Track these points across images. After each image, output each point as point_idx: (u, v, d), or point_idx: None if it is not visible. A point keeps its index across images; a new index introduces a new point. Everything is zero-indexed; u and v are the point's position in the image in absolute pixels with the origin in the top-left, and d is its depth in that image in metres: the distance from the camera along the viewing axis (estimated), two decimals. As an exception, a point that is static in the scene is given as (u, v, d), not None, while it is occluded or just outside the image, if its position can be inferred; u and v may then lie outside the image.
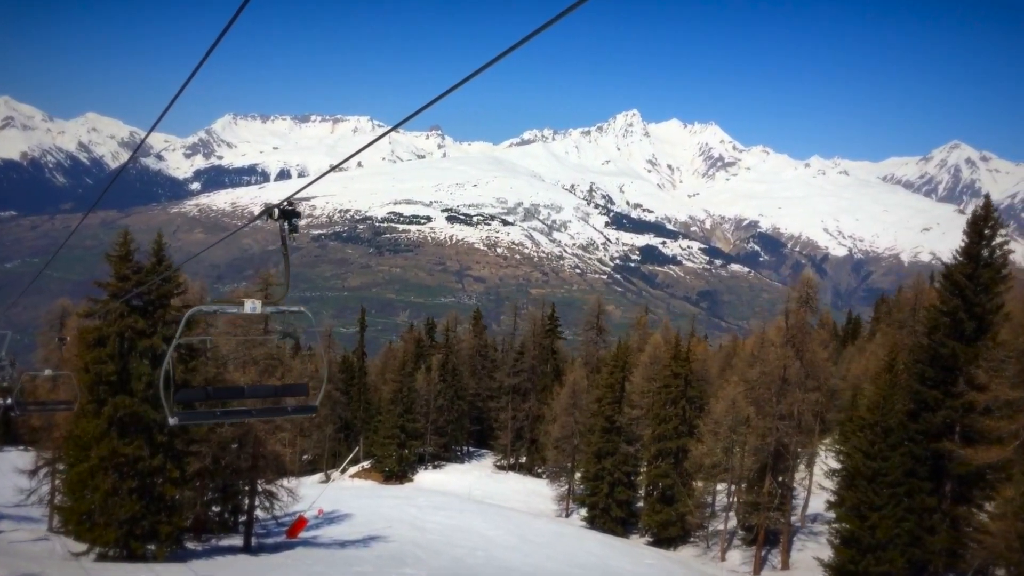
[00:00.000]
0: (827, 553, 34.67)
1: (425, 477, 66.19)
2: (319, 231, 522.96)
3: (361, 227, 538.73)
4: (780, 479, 40.85)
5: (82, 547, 31.38)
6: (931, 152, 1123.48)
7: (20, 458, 74.86)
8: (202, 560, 32.55)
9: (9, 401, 23.34)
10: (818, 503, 45.58)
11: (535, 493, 61.51)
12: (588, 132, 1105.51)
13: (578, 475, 55.82)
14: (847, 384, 52.28)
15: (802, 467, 45.86)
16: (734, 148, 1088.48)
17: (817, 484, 48.22)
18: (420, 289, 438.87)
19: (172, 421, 8.78)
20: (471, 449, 76.67)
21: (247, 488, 39.69)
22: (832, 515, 37.35)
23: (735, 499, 42.75)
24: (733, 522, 44.58)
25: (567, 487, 55.90)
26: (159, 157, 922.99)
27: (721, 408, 40.42)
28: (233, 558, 33.92)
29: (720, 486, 45.52)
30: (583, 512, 53.04)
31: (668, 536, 45.72)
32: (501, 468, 70.26)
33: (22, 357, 33.44)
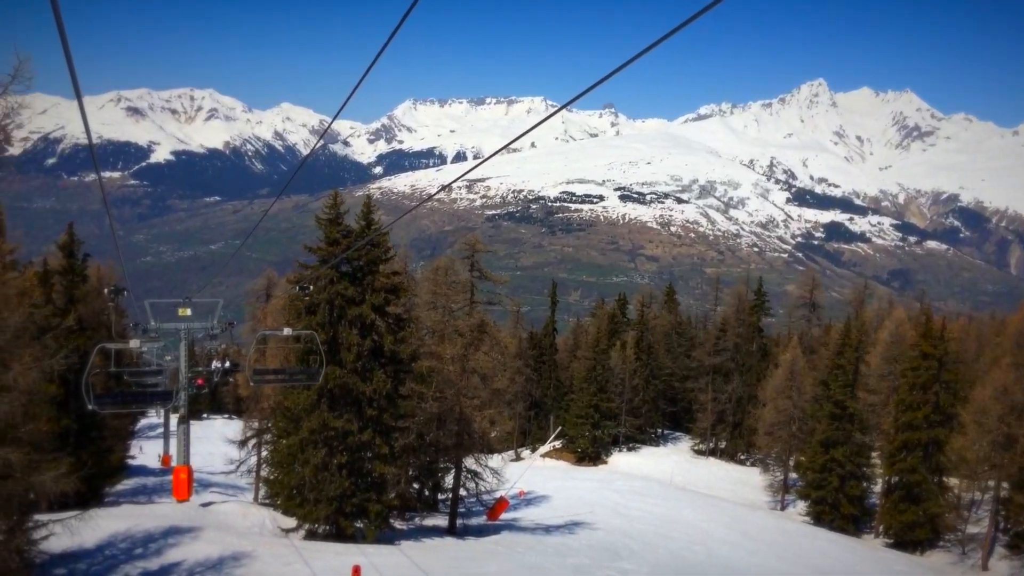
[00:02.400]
0: None
1: (620, 459, 62.96)
2: (493, 211, 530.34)
3: (534, 207, 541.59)
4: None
5: (290, 522, 30.35)
6: None
7: (226, 427, 78.40)
8: (410, 542, 30.79)
9: (227, 364, 22.18)
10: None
11: (742, 482, 56.85)
12: (769, 104, 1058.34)
13: (792, 464, 50.78)
14: None
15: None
16: (932, 116, 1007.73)
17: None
18: (592, 268, 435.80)
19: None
20: (666, 432, 72.62)
21: (449, 466, 37.98)
22: None
23: (1001, 500, 36.52)
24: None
25: (782, 477, 50.89)
26: (345, 143, 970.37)
27: (988, 395, 34.38)
28: (440, 541, 32.00)
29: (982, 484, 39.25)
30: (802, 506, 48.00)
31: (913, 539, 40.02)
32: (700, 453, 65.87)
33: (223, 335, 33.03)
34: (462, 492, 35.75)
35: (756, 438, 55.62)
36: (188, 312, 28.74)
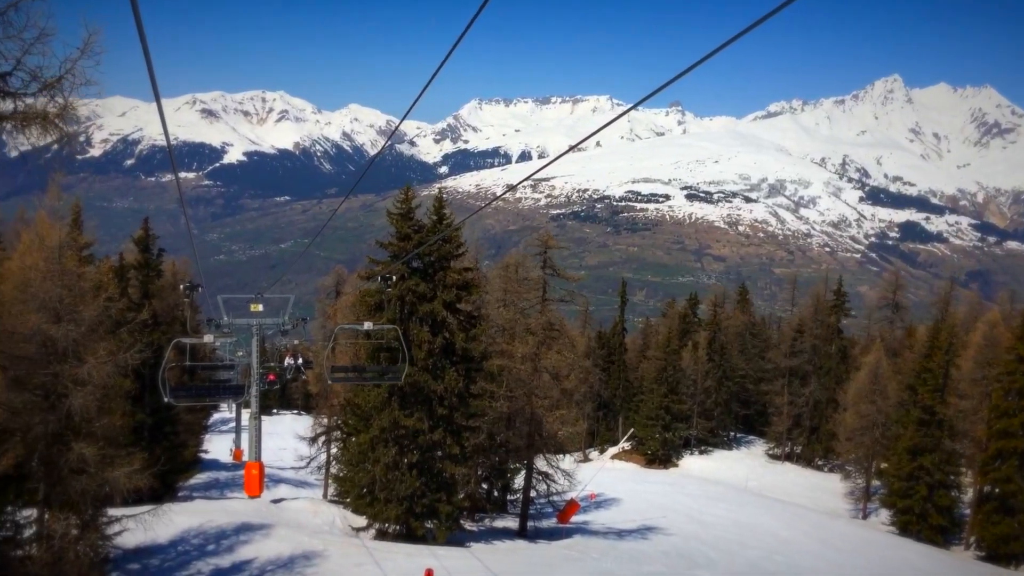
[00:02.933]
0: None
1: (691, 463, 61.40)
2: (557, 211, 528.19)
3: (599, 206, 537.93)
4: None
5: (360, 521, 29.98)
6: None
7: (295, 422, 79.14)
8: (480, 544, 30.13)
9: (299, 362, 21.83)
10: None
11: (820, 488, 54.77)
12: (842, 101, 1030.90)
13: (875, 471, 48.65)
14: None
15: None
16: (1012, 113, 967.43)
17: None
18: (657, 268, 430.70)
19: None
20: (738, 435, 70.66)
21: (519, 467, 37.23)
22: None
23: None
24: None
25: (864, 485, 48.78)
26: (412, 143, 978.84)
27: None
28: (511, 544, 31.27)
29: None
30: (886, 515, 45.89)
31: (1008, 552, 37.74)
32: (775, 457, 63.82)
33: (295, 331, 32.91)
34: (532, 494, 34.98)
35: (835, 443, 53.49)
36: (260, 308, 28.56)
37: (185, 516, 26.79)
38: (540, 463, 34.34)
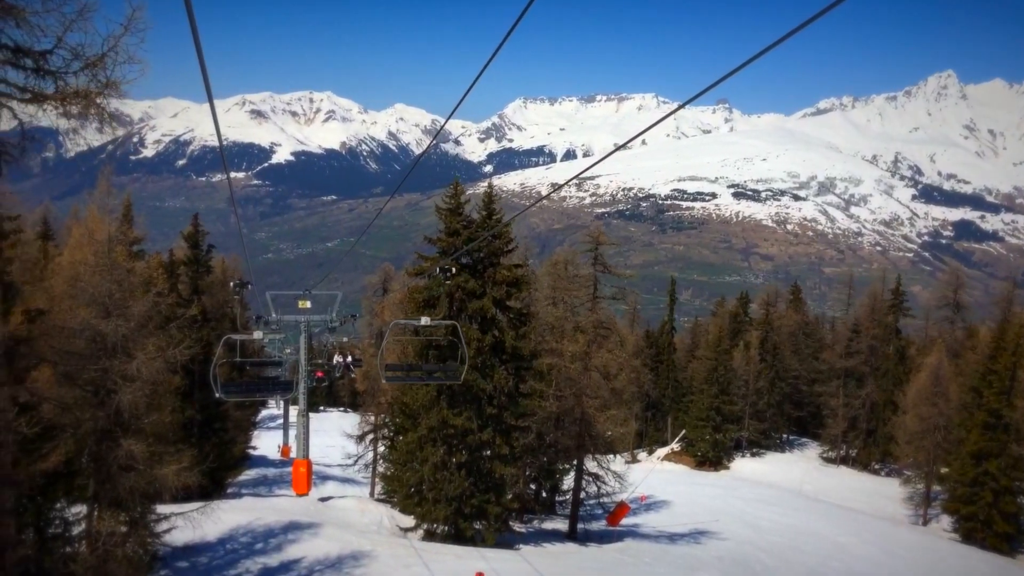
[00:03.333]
0: None
1: (743, 465, 60.10)
2: (602, 209, 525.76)
3: (644, 205, 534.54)
4: None
5: (408, 521, 29.59)
6: None
7: (342, 420, 79.39)
8: (530, 546, 29.54)
9: (348, 360, 21.51)
10: None
11: (878, 493, 53.14)
12: (894, 97, 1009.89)
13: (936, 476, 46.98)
14: None
15: None
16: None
17: None
18: (704, 267, 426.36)
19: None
20: (791, 437, 69.07)
21: (567, 467, 36.59)
22: None
23: None
24: None
25: (925, 490, 47.15)
26: (457, 142, 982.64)
27: None
28: (562, 547, 30.63)
29: None
30: (948, 521, 44.29)
31: (1080, 564, 36.14)
32: (829, 461, 62.17)
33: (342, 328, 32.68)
34: (581, 495, 34.30)
35: (894, 446, 51.79)
36: (308, 304, 28.30)
37: (234, 514, 26.64)
38: (590, 464, 33.66)
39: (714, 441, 58.32)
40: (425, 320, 19.12)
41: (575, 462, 34.86)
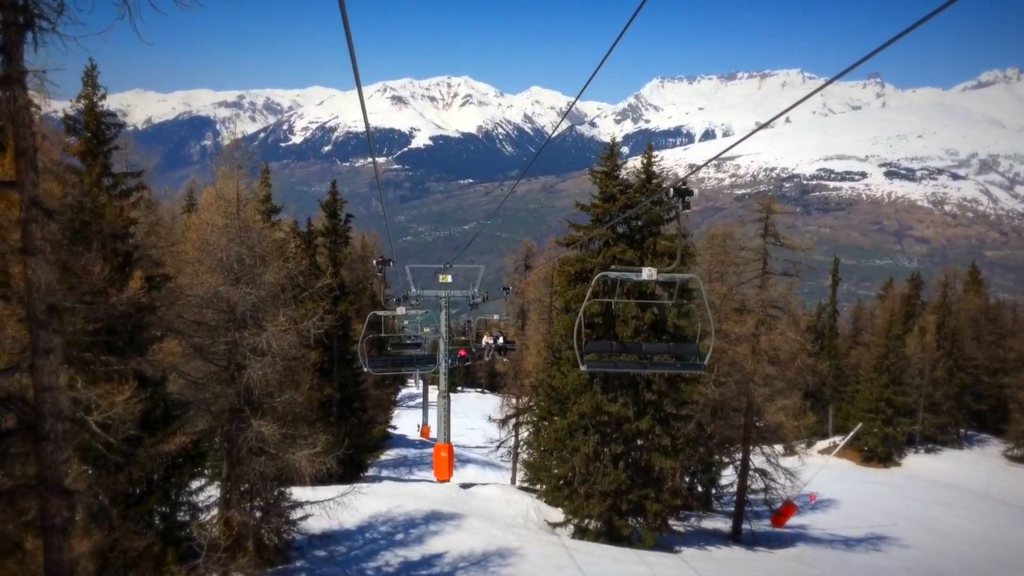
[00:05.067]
0: None
1: (916, 462, 54.56)
2: (742, 191, 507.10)
3: (787, 185, 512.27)
4: None
5: (556, 514, 27.23)
6: None
7: (480, 401, 78.27)
8: (692, 549, 26.55)
9: (500, 341, 19.16)
10: None
11: (1079, 500, 46.86)
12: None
13: None
14: None
15: None
16: None
17: None
18: (852, 251, 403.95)
19: None
20: (968, 432, 62.48)
21: (725, 461, 33.31)
22: None
23: None
24: None
25: None
26: (592, 124, 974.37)
27: None
28: (727, 551, 27.45)
29: None
30: None
31: None
32: (1014, 459, 55.60)
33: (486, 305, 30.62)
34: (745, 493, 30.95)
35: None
36: (449, 279, 26.18)
37: (373, 500, 24.95)
38: (756, 459, 30.26)
39: (884, 435, 53.08)
40: (649, 271, 12.41)
41: (739, 456, 31.62)
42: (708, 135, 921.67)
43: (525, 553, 22.03)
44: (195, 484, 16.90)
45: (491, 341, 23.62)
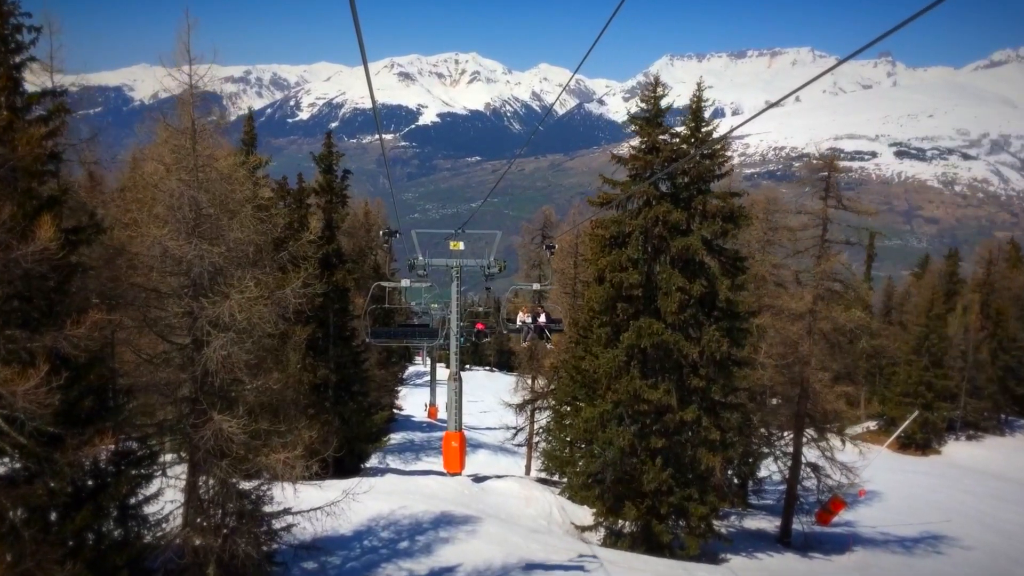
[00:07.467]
0: None
1: (957, 450, 50.92)
2: (751, 170, 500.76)
3: (797, 164, 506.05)
4: None
5: (582, 515, 23.78)
6: None
7: (488, 380, 74.81)
8: (740, 557, 23.02)
9: (542, 320, 15.50)
10: None
11: None
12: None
13: None
14: None
15: None
16: None
17: None
18: (861, 230, 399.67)
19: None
20: (1010, 418, 58.70)
21: (766, 452, 29.78)
22: None
23: None
24: None
25: None
26: (600, 102, 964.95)
27: None
28: (780, 559, 23.91)
29: None
30: None
31: None
32: (1061, 448, 51.98)
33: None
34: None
35: None
36: (461, 246, 22.43)
37: (373, 499, 21.40)
38: (811, 453, 26.72)
39: (923, 421, 49.39)
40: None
41: (782, 445, 28.13)
42: (718, 113, 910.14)
43: (552, 567, 18.59)
44: (147, 492, 13.46)
45: (528, 320, 19.81)
